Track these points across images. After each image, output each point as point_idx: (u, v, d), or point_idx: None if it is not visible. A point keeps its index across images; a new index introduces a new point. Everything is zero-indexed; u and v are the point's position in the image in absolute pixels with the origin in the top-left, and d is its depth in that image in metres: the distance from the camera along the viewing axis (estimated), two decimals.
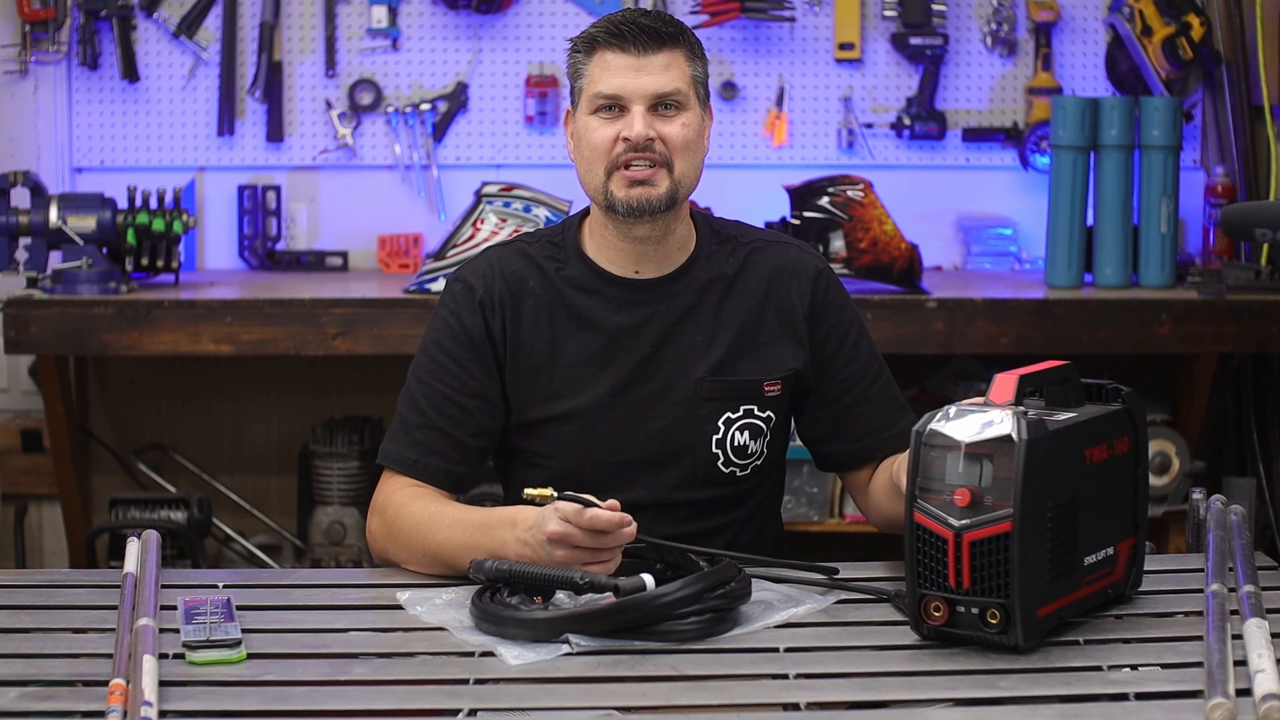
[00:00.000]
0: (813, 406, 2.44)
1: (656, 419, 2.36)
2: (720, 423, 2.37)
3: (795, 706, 1.77)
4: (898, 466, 2.22)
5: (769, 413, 2.39)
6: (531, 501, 2.09)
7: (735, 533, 2.41)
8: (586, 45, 2.34)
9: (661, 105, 2.30)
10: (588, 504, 2.04)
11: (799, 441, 2.54)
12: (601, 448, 2.36)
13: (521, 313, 2.37)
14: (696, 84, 2.34)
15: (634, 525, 2.05)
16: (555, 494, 2.07)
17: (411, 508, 2.26)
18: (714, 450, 2.37)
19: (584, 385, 2.36)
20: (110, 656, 1.85)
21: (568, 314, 2.37)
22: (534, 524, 2.09)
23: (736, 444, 2.38)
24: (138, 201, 3.93)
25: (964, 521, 1.88)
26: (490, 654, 1.91)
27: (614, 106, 2.30)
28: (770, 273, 2.41)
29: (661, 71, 2.29)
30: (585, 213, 2.44)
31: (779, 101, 4.35)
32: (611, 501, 2.06)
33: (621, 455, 2.36)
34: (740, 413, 2.38)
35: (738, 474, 2.39)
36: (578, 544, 2.04)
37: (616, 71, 2.29)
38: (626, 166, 2.29)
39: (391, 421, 2.39)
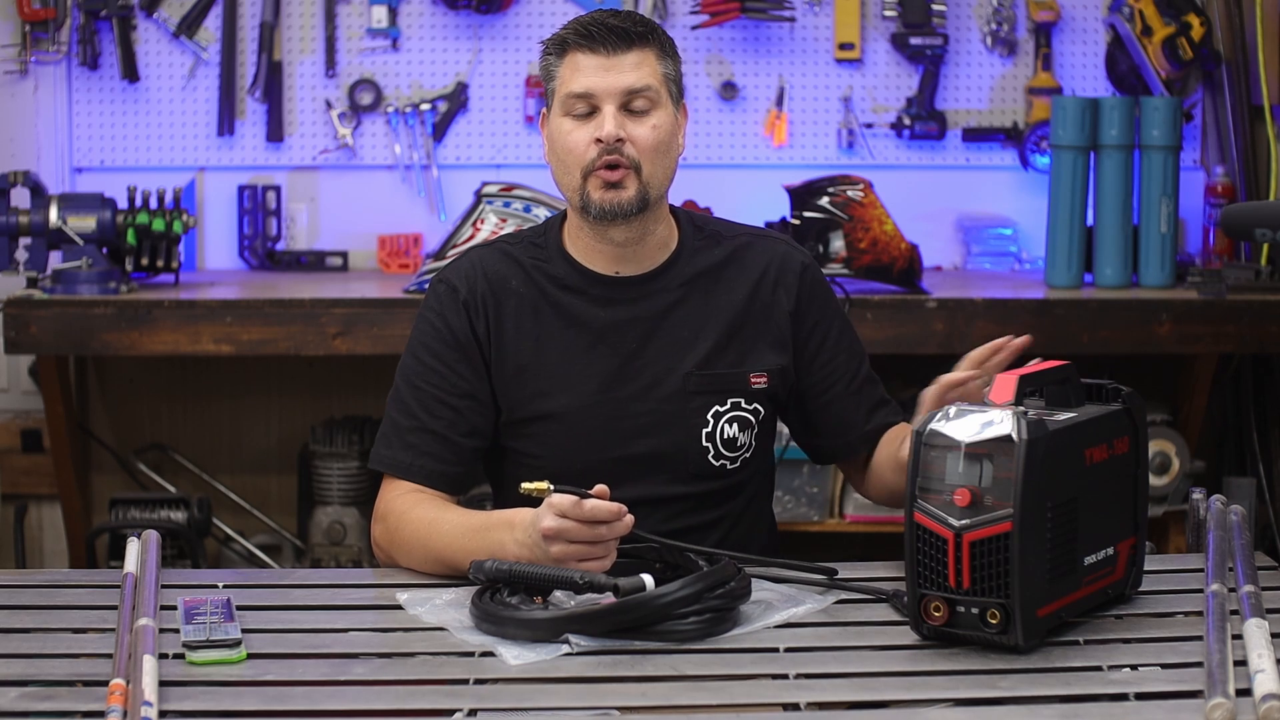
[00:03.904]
0: (797, 401, 2.45)
1: (645, 415, 2.37)
2: (709, 416, 2.38)
3: (795, 706, 1.77)
4: (902, 440, 2.28)
5: (756, 405, 2.40)
6: (528, 496, 2.09)
7: (729, 527, 2.42)
8: (557, 47, 2.35)
9: (632, 104, 2.30)
10: (584, 496, 2.05)
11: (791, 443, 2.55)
12: (591, 445, 2.36)
13: (505, 312, 2.37)
14: (669, 82, 2.34)
15: (630, 516, 2.05)
16: (551, 487, 2.07)
17: (412, 515, 2.26)
18: (704, 444, 2.38)
19: (571, 383, 2.37)
20: (110, 656, 1.85)
21: (553, 312, 2.38)
22: (530, 524, 2.09)
23: (726, 436, 2.39)
24: (138, 201, 3.93)
25: (964, 521, 1.88)
26: (490, 654, 1.91)
27: (586, 108, 2.30)
28: (757, 268, 2.42)
29: (631, 70, 2.30)
30: (565, 214, 2.45)
31: (779, 101, 4.35)
32: (601, 488, 2.06)
33: (611, 452, 2.36)
34: (728, 405, 2.39)
35: (728, 467, 2.40)
36: (574, 539, 2.04)
37: (586, 71, 2.30)
38: (600, 171, 2.30)
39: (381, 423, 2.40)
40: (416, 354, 2.38)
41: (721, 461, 2.39)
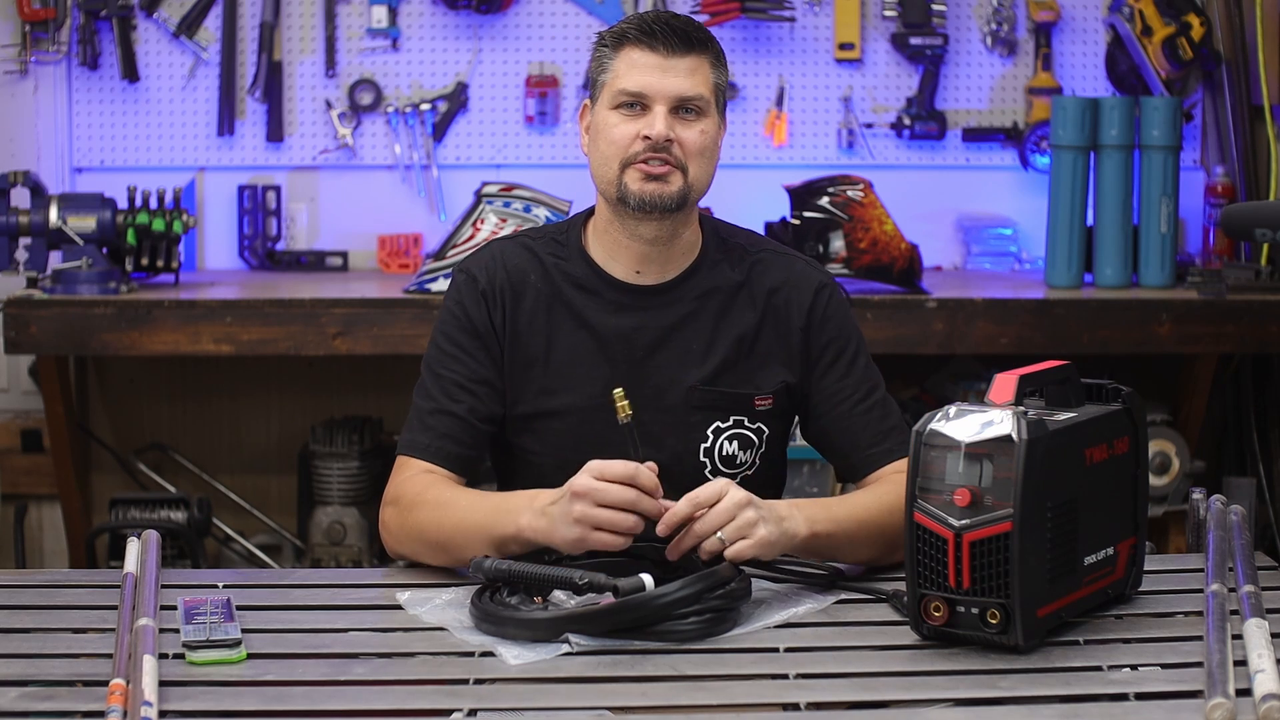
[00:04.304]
0: (804, 419, 2.44)
1: (646, 424, 2.34)
2: (709, 431, 2.37)
3: (795, 706, 1.77)
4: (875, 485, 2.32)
5: (760, 425, 2.39)
6: (612, 404, 2.15)
7: None
8: (615, 40, 2.33)
9: (683, 109, 2.30)
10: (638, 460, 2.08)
11: (799, 441, 2.54)
12: (590, 447, 2.32)
13: (521, 306, 2.38)
14: (718, 92, 2.34)
15: (662, 498, 2.07)
16: (630, 412, 2.15)
17: (428, 495, 2.26)
18: (701, 459, 2.37)
19: (576, 384, 2.37)
20: (110, 656, 1.85)
21: (565, 311, 2.38)
22: (557, 494, 2.10)
23: (725, 453, 2.37)
24: (138, 201, 3.93)
25: (964, 521, 1.88)
26: (490, 654, 1.91)
27: (636, 104, 2.30)
28: (772, 286, 2.40)
29: (687, 75, 2.30)
30: (590, 212, 2.44)
31: (779, 101, 4.36)
32: (651, 464, 2.08)
33: (610, 457, 2.33)
34: (730, 423, 2.37)
35: None
36: (602, 500, 2.04)
37: (643, 69, 2.29)
38: (643, 163, 2.29)
39: (404, 423, 2.40)
40: (437, 342, 2.39)
41: (719, 477, 2.35)
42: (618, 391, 2.15)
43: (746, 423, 2.38)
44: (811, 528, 2.14)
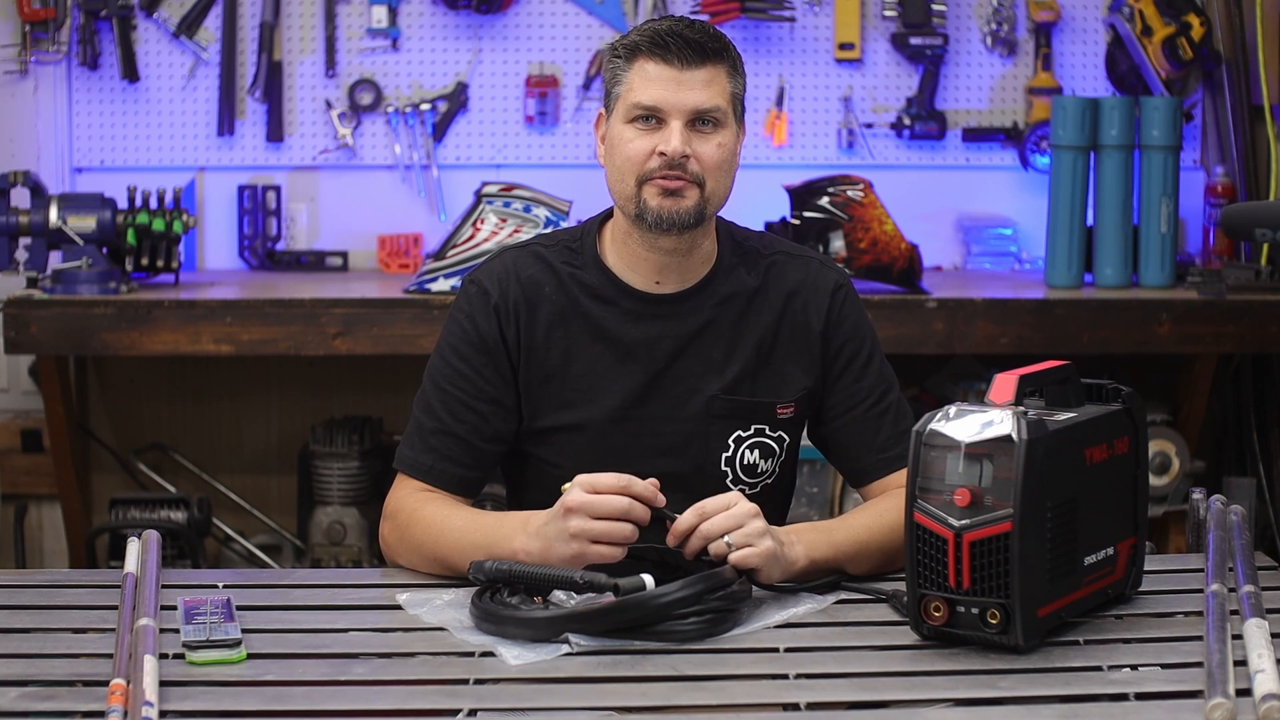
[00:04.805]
0: (816, 421, 2.42)
1: (667, 434, 2.34)
2: (730, 440, 2.35)
3: (795, 706, 1.77)
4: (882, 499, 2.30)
5: (780, 433, 2.37)
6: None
7: None
8: (628, 52, 2.28)
9: (699, 121, 2.26)
10: None
11: (803, 441, 2.53)
12: (610, 459, 2.30)
13: (536, 319, 2.34)
14: (735, 101, 2.30)
15: (660, 500, 2.07)
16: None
17: (424, 512, 2.25)
18: (723, 468, 2.35)
19: (596, 396, 2.34)
20: (110, 656, 1.85)
21: (582, 323, 2.34)
22: (549, 514, 2.09)
23: (746, 462, 2.36)
24: (138, 201, 3.93)
25: (964, 521, 1.88)
26: (490, 654, 1.91)
27: (651, 118, 2.26)
28: (789, 288, 2.37)
29: (702, 87, 2.25)
30: (604, 218, 2.40)
31: (779, 101, 4.36)
32: (652, 480, 2.08)
33: (630, 467, 2.28)
34: (751, 431, 2.35)
35: (746, 492, 2.31)
36: (596, 513, 2.04)
37: (657, 83, 2.25)
38: (660, 179, 2.26)
39: (404, 423, 2.38)
40: (444, 355, 2.35)
41: (740, 486, 2.34)
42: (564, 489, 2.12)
43: (768, 431, 2.36)
44: (810, 555, 2.14)
